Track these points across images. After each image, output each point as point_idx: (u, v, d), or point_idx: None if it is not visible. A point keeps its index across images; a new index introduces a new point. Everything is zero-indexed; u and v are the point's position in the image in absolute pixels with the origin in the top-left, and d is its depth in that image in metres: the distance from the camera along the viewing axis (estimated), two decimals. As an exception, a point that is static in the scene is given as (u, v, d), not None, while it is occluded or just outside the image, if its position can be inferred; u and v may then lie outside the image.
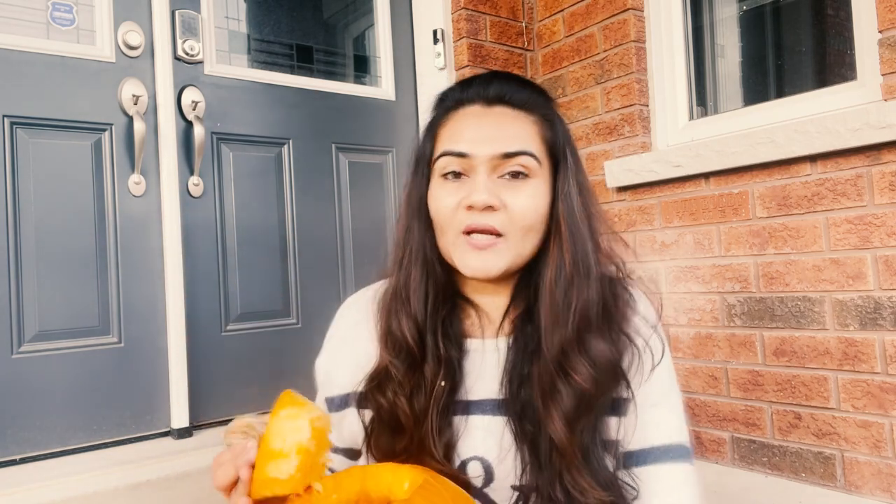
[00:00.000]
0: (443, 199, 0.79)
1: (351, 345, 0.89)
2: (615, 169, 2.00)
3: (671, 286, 1.91)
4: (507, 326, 0.84)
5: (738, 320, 1.75)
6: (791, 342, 1.65)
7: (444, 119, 0.83)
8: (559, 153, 0.83)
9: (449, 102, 0.85)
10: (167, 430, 1.67)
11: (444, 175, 0.80)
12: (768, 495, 1.59)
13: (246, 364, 1.79)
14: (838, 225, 1.56)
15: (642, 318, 0.83)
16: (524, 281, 0.83)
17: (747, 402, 1.74)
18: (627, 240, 2.02)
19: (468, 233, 0.77)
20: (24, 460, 1.49)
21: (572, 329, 0.76)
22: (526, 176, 0.79)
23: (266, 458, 0.68)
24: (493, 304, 0.85)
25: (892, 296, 1.47)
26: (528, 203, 0.78)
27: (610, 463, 0.78)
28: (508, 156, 0.78)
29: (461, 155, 0.78)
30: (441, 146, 0.82)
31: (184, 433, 1.65)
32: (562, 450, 0.73)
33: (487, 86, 0.82)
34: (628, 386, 0.79)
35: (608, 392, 0.77)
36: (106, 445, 1.59)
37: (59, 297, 1.56)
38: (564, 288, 0.78)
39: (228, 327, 1.79)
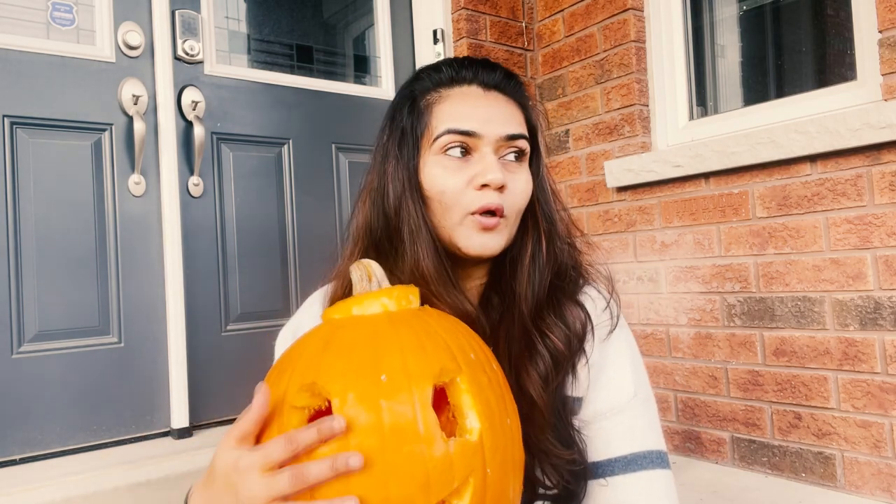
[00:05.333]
0: (448, 178, 0.78)
1: None
2: (615, 169, 2.00)
3: (671, 286, 1.91)
4: (474, 300, 0.86)
5: (738, 320, 1.75)
6: (791, 342, 1.65)
7: (438, 93, 0.82)
8: (535, 140, 0.87)
9: (442, 77, 0.83)
10: (167, 430, 1.67)
11: (446, 151, 0.78)
12: (768, 495, 1.59)
13: (246, 364, 1.79)
14: (838, 225, 1.56)
15: (596, 294, 0.87)
16: (499, 263, 0.85)
17: (747, 402, 1.74)
18: (627, 240, 2.02)
19: (481, 213, 0.77)
20: (24, 460, 1.49)
21: (545, 294, 0.81)
22: (521, 160, 0.82)
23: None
24: (472, 287, 0.86)
25: (892, 296, 1.47)
26: (524, 187, 0.81)
27: (568, 421, 0.80)
28: (512, 138, 0.80)
29: (470, 134, 0.78)
30: (443, 122, 0.79)
31: (184, 433, 1.65)
32: (541, 408, 0.74)
33: (481, 70, 0.83)
34: (583, 349, 0.81)
35: (576, 354, 0.80)
36: (106, 445, 1.59)
37: (59, 297, 1.56)
38: (542, 262, 0.82)
39: (228, 327, 1.79)
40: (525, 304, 0.80)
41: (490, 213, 0.77)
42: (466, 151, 0.79)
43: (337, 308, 0.66)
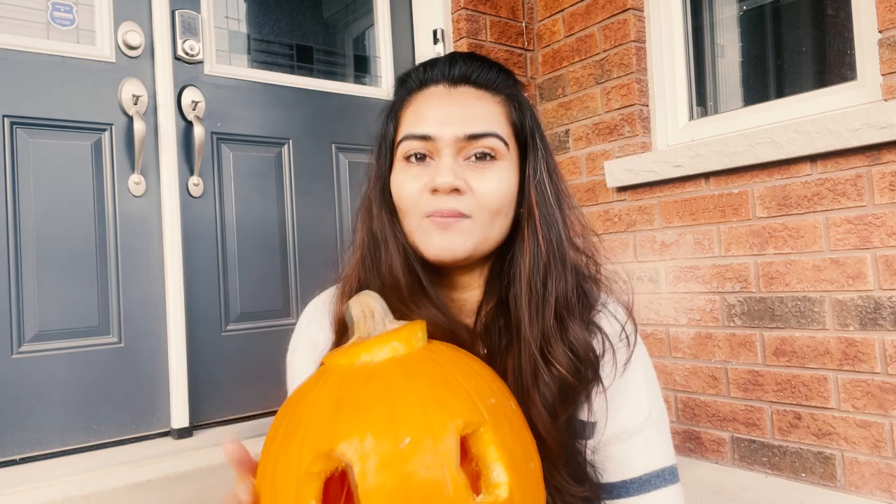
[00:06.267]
0: (406, 184, 0.76)
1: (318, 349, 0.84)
2: (615, 169, 2.00)
3: (671, 286, 1.91)
4: (478, 324, 0.80)
5: (738, 320, 1.75)
6: (791, 342, 1.65)
7: (407, 101, 0.80)
8: (527, 135, 0.80)
9: (412, 83, 0.81)
10: (167, 430, 1.67)
11: (407, 158, 0.76)
12: (768, 495, 1.59)
13: (246, 364, 1.79)
14: (838, 225, 1.56)
15: (611, 314, 0.81)
16: (496, 274, 0.80)
17: (747, 402, 1.74)
18: (627, 240, 2.02)
19: (432, 216, 0.74)
20: (24, 460, 1.49)
21: (552, 317, 0.74)
22: (493, 158, 0.75)
23: None
24: (464, 299, 0.82)
25: (892, 296, 1.47)
26: (495, 187, 0.75)
27: (581, 454, 0.77)
28: (474, 137, 0.74)
29: (424, 137, 0.75)
30: (404, 129, 0.78)
31: (184, 433, 1.65)
32: (550, 444, 0.71)
33: (451, 66, 0.78)
34: (599, 378, 0.76)
35: (589, 383, 0.75)
36: (106, 445, 1.59)
37: (59, 297, 1.56)
38: (542, 276, 0.75)
39: (228, 327, 1.79)
40: (529, 329, 0.74)
41: (446, 215, 0.73)
42: (427, 156, 0.76)
43: (342, 354, 0.61)
